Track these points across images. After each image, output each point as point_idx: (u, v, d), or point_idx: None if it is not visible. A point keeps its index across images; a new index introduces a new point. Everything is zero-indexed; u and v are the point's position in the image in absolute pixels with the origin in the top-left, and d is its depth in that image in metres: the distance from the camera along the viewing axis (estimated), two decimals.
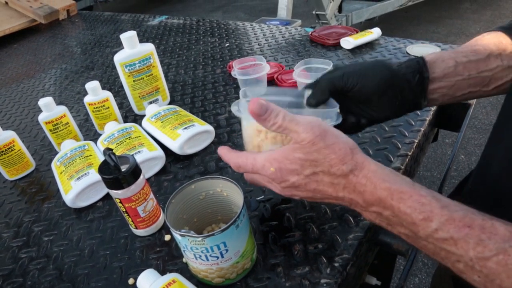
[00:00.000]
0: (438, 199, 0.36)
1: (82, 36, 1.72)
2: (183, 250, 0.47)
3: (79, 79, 1.26)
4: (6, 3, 1.97)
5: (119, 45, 1.51)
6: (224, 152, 0.48)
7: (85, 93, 1.14)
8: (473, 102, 0.79)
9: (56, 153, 0.87)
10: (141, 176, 0.56)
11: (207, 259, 0.46)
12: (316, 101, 0.49)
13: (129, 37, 0.85)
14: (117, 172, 0.52)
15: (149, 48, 0.89)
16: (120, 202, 0.55)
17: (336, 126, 0.45)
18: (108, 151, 0.53)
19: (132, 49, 0.86)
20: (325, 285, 0.48)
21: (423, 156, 0.79)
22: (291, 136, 0.41)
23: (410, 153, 0.67)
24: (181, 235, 0.44)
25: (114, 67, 1.28)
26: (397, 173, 0.40)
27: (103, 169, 0.53)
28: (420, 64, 0.49)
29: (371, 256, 0.61)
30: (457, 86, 0.50)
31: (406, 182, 0.38)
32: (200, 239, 0.43)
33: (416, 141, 0.69)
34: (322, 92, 0.49)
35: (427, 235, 0.35)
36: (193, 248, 0.45)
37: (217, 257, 0.45)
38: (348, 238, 0.53)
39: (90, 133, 0.94)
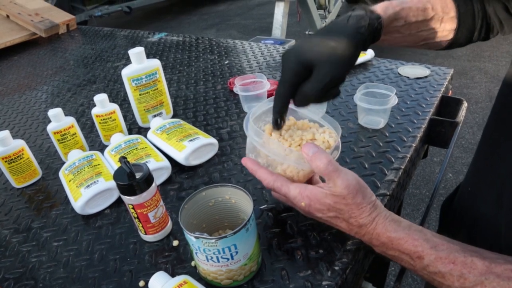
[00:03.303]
0: (429, 240, 0.45)
1: (82, 50, 1.76)
2: (195, 253, 0.51)
3: (81, 92, 1.29)
4: (7, 16, 2.01)
5: (120, 60, 1.55)
6: (255, 168, 0.55)
7: (88, 105, 1.18)
8: (460, 120, 0.85)
9: (62, 162, 0.90)
10: (153, 184, 0.59)
11: (218, 261, 0.49)
12: (305, 103, 0.52)
13: (137, 53, 0.89)
14: (132, 179, 0.56)
15: (156, 63, 0.93)
16: (133, 208, 0.59)
17: None
18: (123, 159, 0.56)
19: (139, 64, 0.91)
20: (326, 286, 0.51)
21: (414, 171, 0.84)
22: (328, 183, 0.49)
23: (403, 167, 0.71)
24: (196, 237, 0.47)
25: (116, 81, 1.32)
26: (398, 219, 0.49)
27: (118, 176, 0.57)
28: (378, 28, 0.53)
29: (367, 263, 0.65)
30: (395, 40, 0.59)
31: (403, 229, 0.47)
32: (213, 240, 0.47)
33: (409, 155, 0.74)
34: (309, 99, 0.52)
35: (422, 268, 0.45)
36: (205, 250, 0.48)
37: (228, 259, 0.49)
38: (347, 244, 0.57)
39: (95, 144, 0.96)
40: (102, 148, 0.93)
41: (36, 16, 2.04)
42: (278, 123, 0.54)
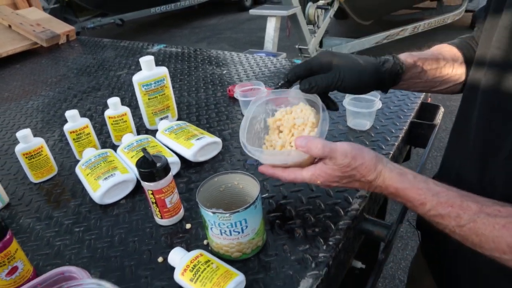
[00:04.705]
0: (430, 189, 0.52)
1: (84, 60, 1.84)
2: (210, 228, 0.59)
3: (87, 98, 1.37)
4: (10, 26, 2.08)
5: (122, 69, 1.63)
6: (271, 172, 0.63)
7: (95, 110, 1.26)
8: (437, 123, 0.95)
9: (76, 160, 0.97)
10: (170, 173, 0.67)
11: (231, 234, 0.57)
12: (309, 90, 0.63)
13: (147, 61, 0.98)
14: (153, 166, 0.64)
15: (163, 71, 1.02)
16: (152, 193, 0.67)
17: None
18: (145, 150, 0.65)
19: (149, 71, 0.99)
20: (322, 257, 0.60)
21: None
22: (331, 160, 0.56)
23: None
24: (213, 212, 0.56)
25: (120, 88, 1.41)
26: (404, 171, 0.56)
27: (141, 164, 0.65)
28: (400, 72, 0.66)
29: (357, 244, 0.74)
30: (414, 85, 0.71)
31: (408, 181, 0.54)
32: (227, 215, 0.55)
33: (392, 152, 0.84)
34: (314, 89, 0.62)
35: (424, 213, 0.53)
36: (220, 224, 0.57)
37: (239, 232, 0.57)
38: (339, 224, 0.66)
39: (105, 145, 1.04)
40: (112, 148, 1.01)
41: (37, 26, 2.11)
42: (283, 83, 0.65)
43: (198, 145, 0.86)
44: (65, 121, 0.95)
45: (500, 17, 0.52)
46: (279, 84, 0.66)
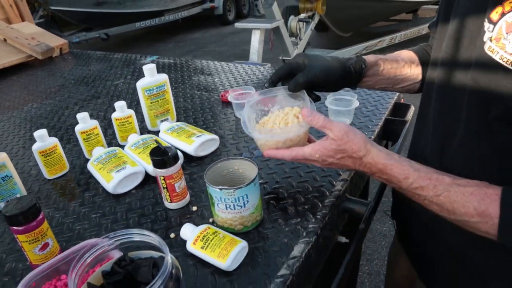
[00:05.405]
0: (413, 166, 0.62)
1: (80, 71, 1.93)
2: (216, 204, 0.69)
3: (88, 105, 1.46)
4: (5, 40, 2.16)
5: (118, 79, 1.73)
6: (275, 153, 0.71)
7: (97, 116, 1.35)
8: (408, 119, 1.09)
9: (84, 159, 1.07)
10: (179, 161, 0.78)
11: (234, 208, 0.68)
12: (294, 88, 0.74)
13: (150, 68, 1.09)
14: (165, 155, 0.74)
15: (164, 77, 1.13)
16: (164, 179, 0.77)
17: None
18: (157, 142, 0.75)
19: (151, 77, 1.10)
20: (312, 228, 0.71)
21: None
22: (327, 132, 0.66)
23: None
24: (220, 189, 0.66)
25: (118, 96, 1.50)
26: (390, 153, 0.65)
27: (154, 153, 0.75)
28: (363, 67, 0.78)
29: (341, 222, 0.85)
30: (378, 82, 0.83)
31: (394, 159, 0.63)
32: (232, 190, 0.66)
33: None
34: (298, 86, 0.74)
35: (407, 187, 0.61)
36: (225, 199, 0.67)
37: (241, 206, 0.68)
38: (325, 202, 0.77)
39: (110, 145, 1.13)
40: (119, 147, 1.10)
41: (32, 40, 2.19)
42: (267, 85, 0.77)
43: (199, 141, 0.97)
44: (70, 125, 1.05)
45: (448, 27, 0.65)
46: (265, 85, 0.77)
